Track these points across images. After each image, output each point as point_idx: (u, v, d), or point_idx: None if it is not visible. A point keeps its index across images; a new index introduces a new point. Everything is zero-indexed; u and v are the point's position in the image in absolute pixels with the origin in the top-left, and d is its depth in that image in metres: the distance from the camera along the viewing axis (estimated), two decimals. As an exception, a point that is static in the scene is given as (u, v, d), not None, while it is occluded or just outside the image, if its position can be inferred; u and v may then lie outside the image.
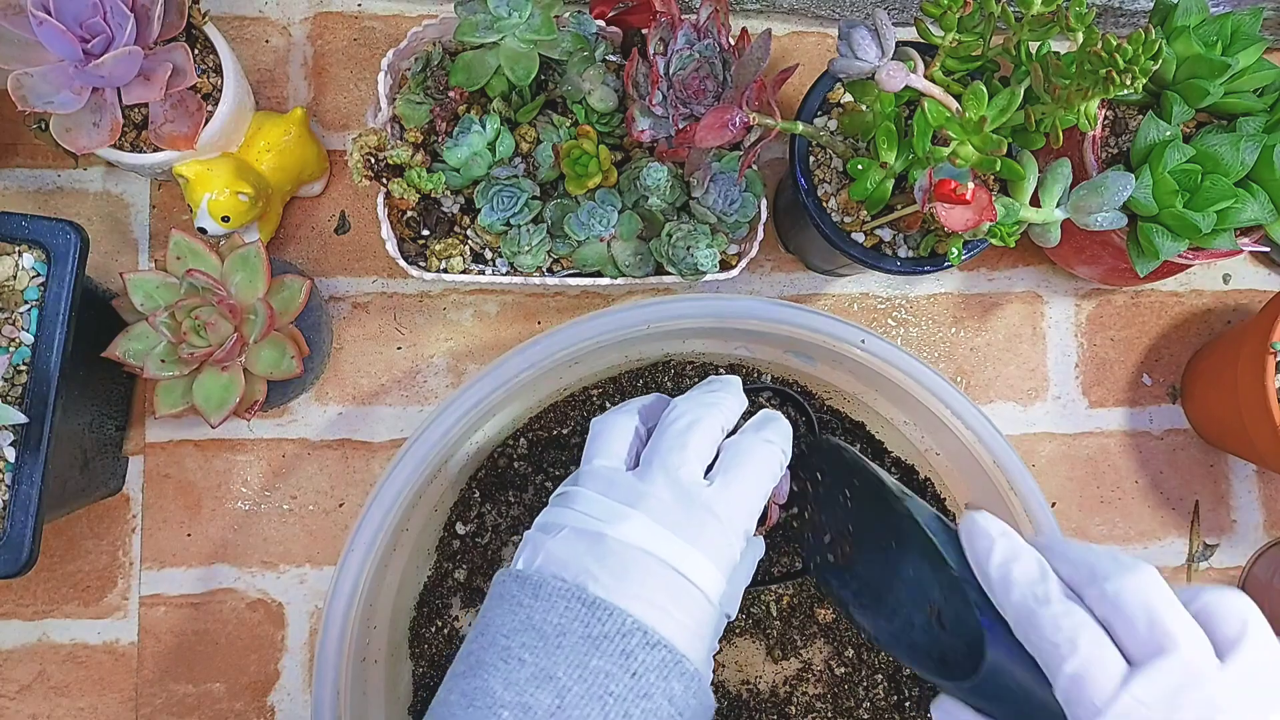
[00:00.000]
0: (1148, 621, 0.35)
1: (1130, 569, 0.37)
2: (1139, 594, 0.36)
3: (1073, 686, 0.35)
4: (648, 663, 0.41)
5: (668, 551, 0.43)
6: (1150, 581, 0.36)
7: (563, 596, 0.42)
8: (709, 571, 0.44)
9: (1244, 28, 0.62)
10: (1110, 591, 0.36)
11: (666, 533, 0.43)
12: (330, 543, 0.72)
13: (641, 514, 0.44)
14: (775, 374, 0.70)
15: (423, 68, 0.66)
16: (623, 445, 0.48)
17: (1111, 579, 0.36)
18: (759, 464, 0.47)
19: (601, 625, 0.41)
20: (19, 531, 0.56)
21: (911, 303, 0.77)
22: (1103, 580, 0.37)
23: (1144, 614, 0.35)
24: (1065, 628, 0.36)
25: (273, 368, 0.63)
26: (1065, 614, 0.36)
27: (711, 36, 0.61)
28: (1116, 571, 0.37)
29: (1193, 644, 0.35)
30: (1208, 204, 0.60)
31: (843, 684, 0.69)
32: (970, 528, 0.41)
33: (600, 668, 0.40)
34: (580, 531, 0.44)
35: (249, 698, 0.71)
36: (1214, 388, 0.74)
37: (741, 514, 0.46)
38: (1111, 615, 0.36)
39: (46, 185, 0.73)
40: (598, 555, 0.43)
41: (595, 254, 0.66)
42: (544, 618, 0.41)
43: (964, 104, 0.56)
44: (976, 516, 0.42)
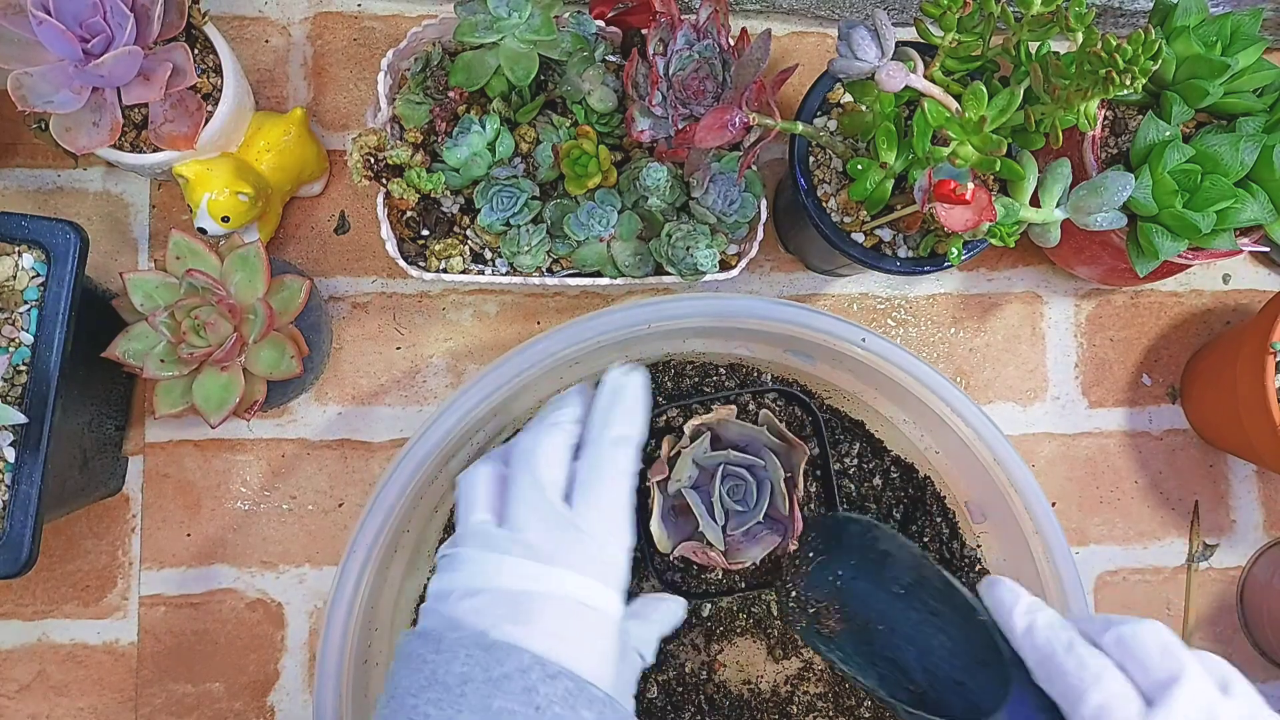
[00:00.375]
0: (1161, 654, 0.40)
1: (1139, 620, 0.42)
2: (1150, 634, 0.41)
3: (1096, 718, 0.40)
4: (550, 695, 0.41)
5: (550, 581, 0.44)
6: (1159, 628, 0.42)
7: (463, 645, 0.42)
8: (594, 588, 0.45)
9: (1244, 28, 0.62)
10: (1125, 634, 0.41)
11: (543, 566, 0.44)
12: (330, 543, 0.72)
13: (516, 558, 0.44)
14: (775, 373, 0.70)
15: (423, 68, 0.66)
16: (487, 496, 0.47)
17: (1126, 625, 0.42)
18: (611, 471, 0.47)
19: (501, 666, 0.41)
20: (19, 531, 0.56)
21: (911, 303, 0.77)
22: (1119, 625, 0.42)
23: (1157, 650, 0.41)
24: (1089, 664, 0.41)
25: (272, 368, 0.63)
26: (1088, 655, 0.41)
27: (711, 37, 0.61)
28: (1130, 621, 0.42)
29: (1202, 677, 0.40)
30: (1207, 204, 0.60)
31: (844, 683, 0.69)
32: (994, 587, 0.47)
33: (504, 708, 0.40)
34: (467, 590, 0.44)
35: (248, 698, 0.71)
36: (1213, 388, 0.74)
37: (608, 524, 0.46)
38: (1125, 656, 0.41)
39: (46, 185, 0.73)
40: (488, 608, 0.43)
41: (595, 254, 0.66)
42: (447, 669, 0.41)
43: (964, 104, 0.56)
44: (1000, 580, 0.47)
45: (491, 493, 0.47)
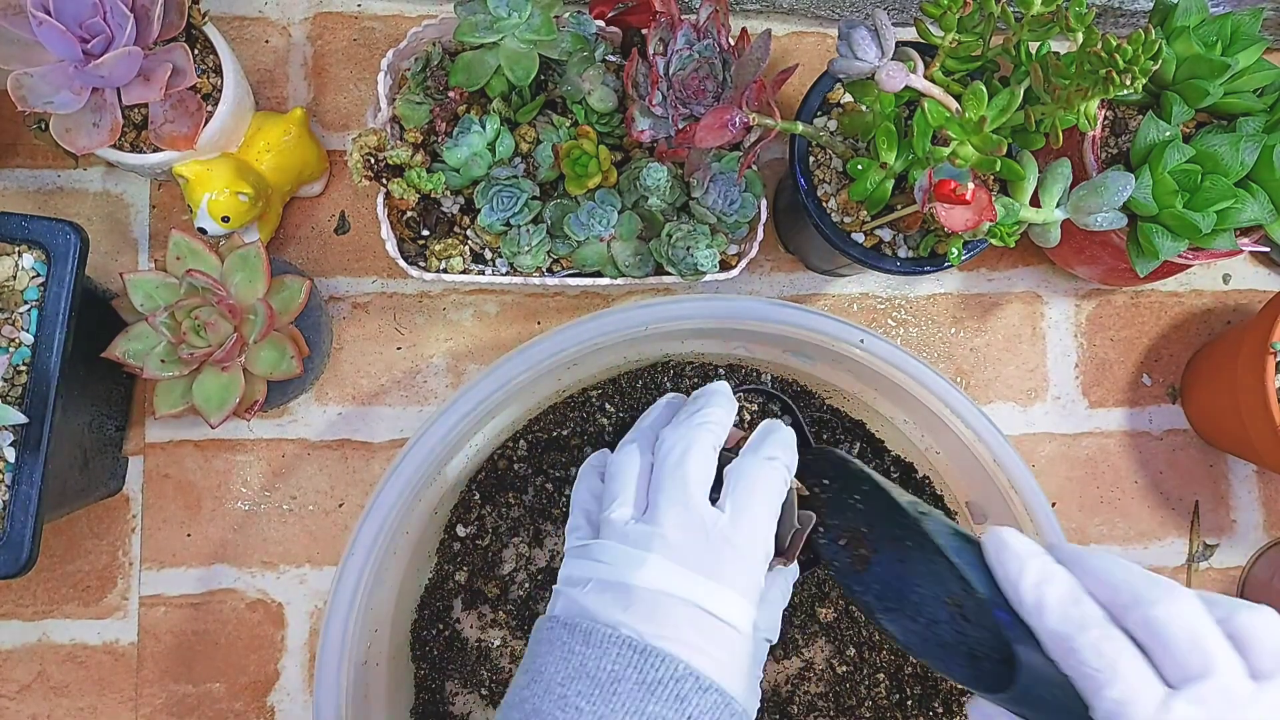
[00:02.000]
0: (1190, 646, 0.36)
1: (1173, 594, 0.37)
2: (1183, 619, 0.36)
3: (1114, 711, 0.36)
4: (701, 706, 0.42)
5: (691, 591, 0.44)
6: (1193, 606, 0.37)
7: (614, 643, 0.42)
8: (736, 603, 0.45)
9: (1244, 28, 0.62)
10: (1155, 617, 0.37)
11: (686, 572, 0.44)
12: (330, 543, 0.72)
13: (658, 556, 0.44)
14: (775, 374, 0.70)
15: (423, 68, 0.66)
16: (630, 488, 0.48)
17: (1158, 604, 0.37)
18: (764, 485, 0.48)
19: (655, 671, 0.42)
20: (19, 531, 0.56)
21: (911, 303, 0.77)
22: (1148, 605, 0.37)
23: (1188, 639, 0.36)
24: (1106, 653, 0.37)
25: (272, 368, 0.63)
26: (1105, 639, 0.37)
27: (711, 37, 0.61)
28: (1161, 597, 0.37)
29: (1231, 668, 0.36)
30: (1208, 204, 0.60)
31: (844, 683, 0.70)
32: (998, 548, 0.41)
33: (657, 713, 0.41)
34: (604, 582, 0.44)
35: (249, 698, 0.71)
36: (1214, 388, 0.74)
37: (756, 538, 0.46)
38: (1151, 640, 0.37)
39: (46, 185, 0.73)
40: (626, 604, 0.43)
41: (595, 254, 0.66)
42: (597, 664, 0.42)
43: (964, 104, 0.56)
44: (1004, 535, 0.42)
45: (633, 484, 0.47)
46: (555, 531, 0.70)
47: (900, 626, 0.48)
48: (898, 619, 0.48)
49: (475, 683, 0.69)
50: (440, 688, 0.69)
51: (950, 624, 0.45)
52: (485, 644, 0.69)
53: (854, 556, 0.52)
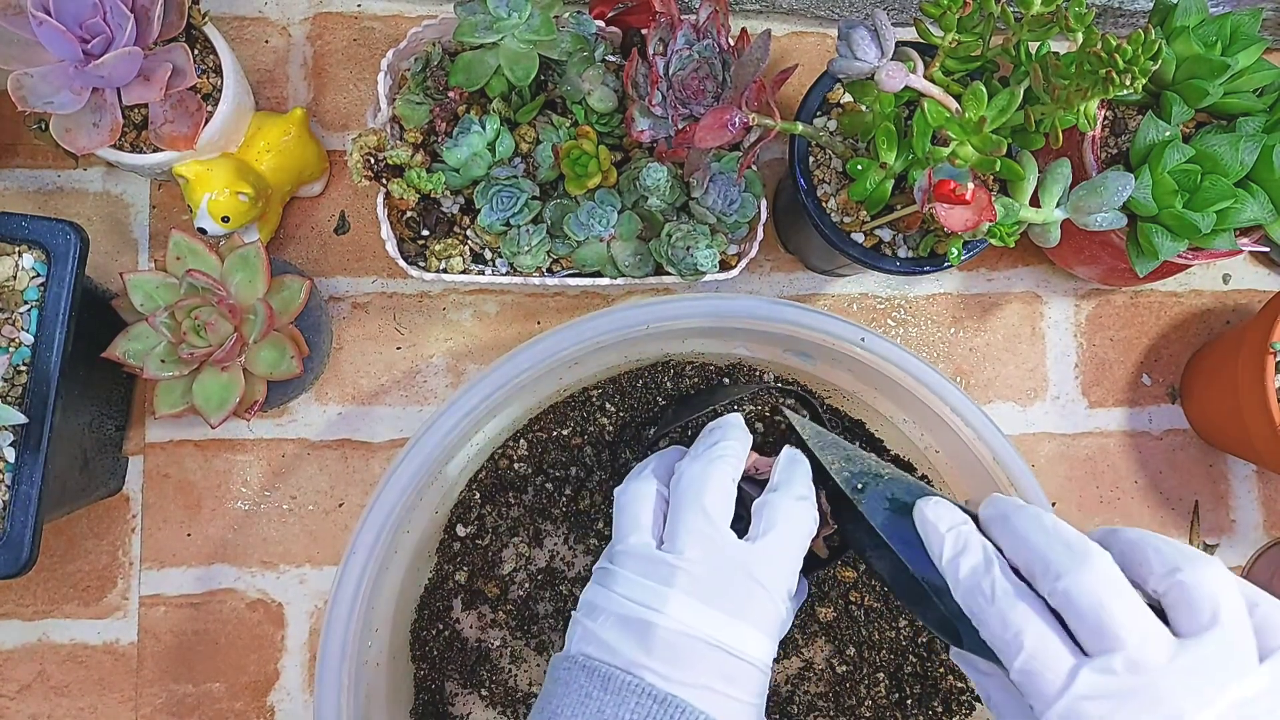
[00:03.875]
0: (1096, 621, 0.36)
1: (1082, 563, 0.37)
2: (1089, 592, 0.36)
3: (1023, 680, 0.37)
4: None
5: (717, 631, 0.43)
6: (1101, 577, 0.37)
7: (634, 692, 0.41)
8: (760, 642, 0.44)
9: (1243, 28, 0.62)
10: (1060, 589, 0.37)
11: (711, 611, 0.43)
12: (330, 543, 0.72)
13: (680, 593, 0.43)
14: (775, 373, 0.70)
15: (422, 68, 0.66)
16: (648, 515, 0.47)
17: (1063, 576, 0.37)
18: (794, 524, 0.47)
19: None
20: (19, 531, 0.56)
21: (911, 303, 0.77)
22: (1054, 578, 0.37)
23: (1093, 613, 0.36)
24: (1011, 623, 0.37)
25: (272, 368, 0.63)
26: (1009, 609, 0.38)
27: (711, 37, 0.61)
28: (1070, 566, 0.37)
29: (1141, 639, 0.35)
30: (1207, 204, 0.60)
31: (844, 682, 0.70)
32: (922, 522, 0.42)
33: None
34: (626, 619, 0.43)
35: (249, 698, 0.71)
36: (1213, 388, 0.74)
37: (783, 576, 0.46)
38: (1063, 609, 0.37)
39: (46, 185, 0.73)
40: (647, 645, 0.42)
41: (595, 254, 0.66)
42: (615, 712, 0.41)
43: (964, 104, 0.56)
44: (925, 508, 0.42)
45: (650, 512, 0.47)
46: (555, 531, 0.70)
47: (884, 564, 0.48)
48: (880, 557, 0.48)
49: (475, 683, 0.69)
50: (440, 688, 0.69)
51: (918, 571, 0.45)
52: (485, 644, 0.69)
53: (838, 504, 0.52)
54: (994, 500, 0.42)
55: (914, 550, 0.43)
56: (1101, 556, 0.37)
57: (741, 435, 0.50)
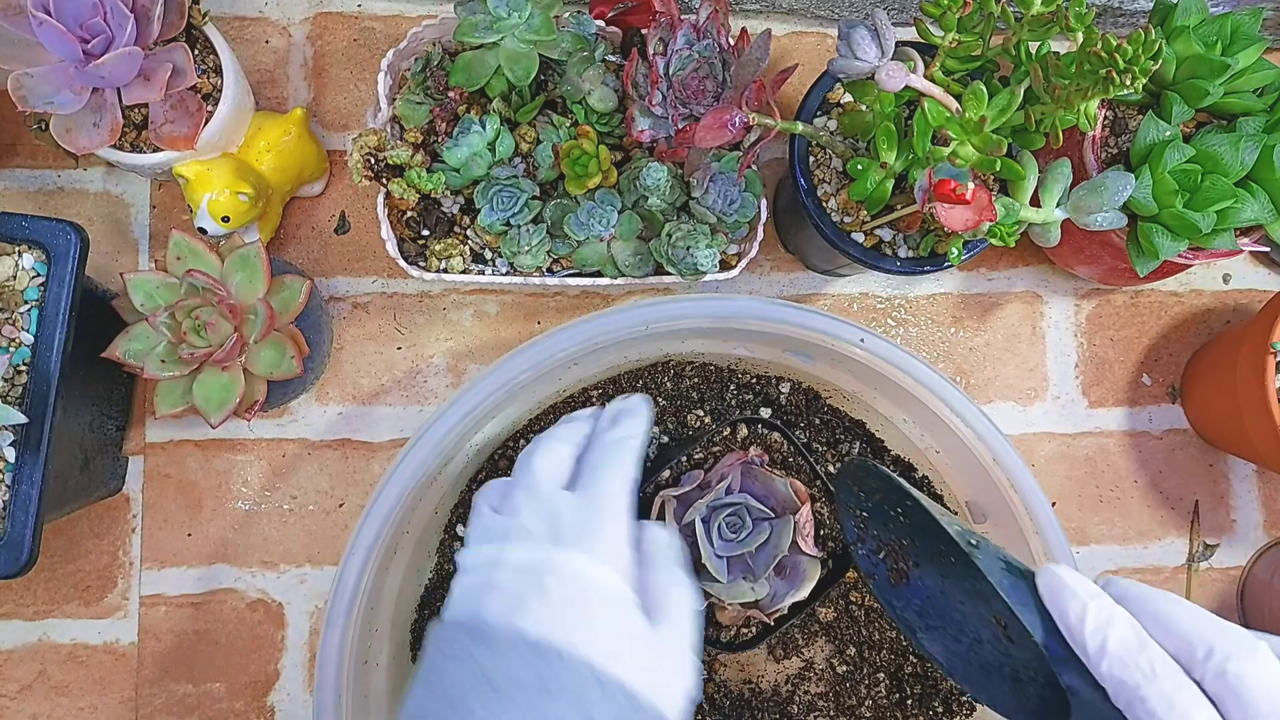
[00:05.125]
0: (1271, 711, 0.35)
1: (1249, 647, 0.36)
2: (1261, 679, 0.35)
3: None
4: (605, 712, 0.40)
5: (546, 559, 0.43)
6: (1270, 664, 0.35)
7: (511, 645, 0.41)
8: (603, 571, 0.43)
9: (1244, 28, 0.62)
10: (1231, 673, 0.35)
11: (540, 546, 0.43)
12: (330, 543, 0.72)
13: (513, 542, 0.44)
14: (775, 373, 0.70)
15: (423, 68, 0.66)
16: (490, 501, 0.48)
17: (1232, 660, 0.35)
18: (612, 460, 0.47)
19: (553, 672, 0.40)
20: (19, 531, 0.56)
21: (911, 303, 0.77)
22: (1223, 660, 0.36)
23: (1267, 703, 0.35)
24: (1179, 706, 0.35)
25: (273, 368, 0.63)
26: (1177, 691, 0.36)
27: (711, 37, 0.61)
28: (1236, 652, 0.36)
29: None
30: (1208, 204, 0.60)
31: (844, 682, 0.70)
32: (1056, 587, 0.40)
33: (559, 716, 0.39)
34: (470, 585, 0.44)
35: (249, 698, 0.71)
36: (1213, 388, 0.74)
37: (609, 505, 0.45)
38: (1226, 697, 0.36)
39: (46, 185, 0.73)
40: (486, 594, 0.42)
41: (595, 254, 0.66)
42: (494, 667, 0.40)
43: (964, 104, 0.56)
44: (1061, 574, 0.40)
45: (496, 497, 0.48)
46: (555, 531, 0.70)
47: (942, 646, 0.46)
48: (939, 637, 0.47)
49: (475, 682, 0.69)
50: (440, 687, 0.69)
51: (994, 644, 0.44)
52: (485, 644, 0.69)
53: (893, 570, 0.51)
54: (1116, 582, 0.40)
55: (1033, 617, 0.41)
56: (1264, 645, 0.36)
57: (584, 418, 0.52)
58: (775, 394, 0.71)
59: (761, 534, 0.61)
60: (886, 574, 0.51)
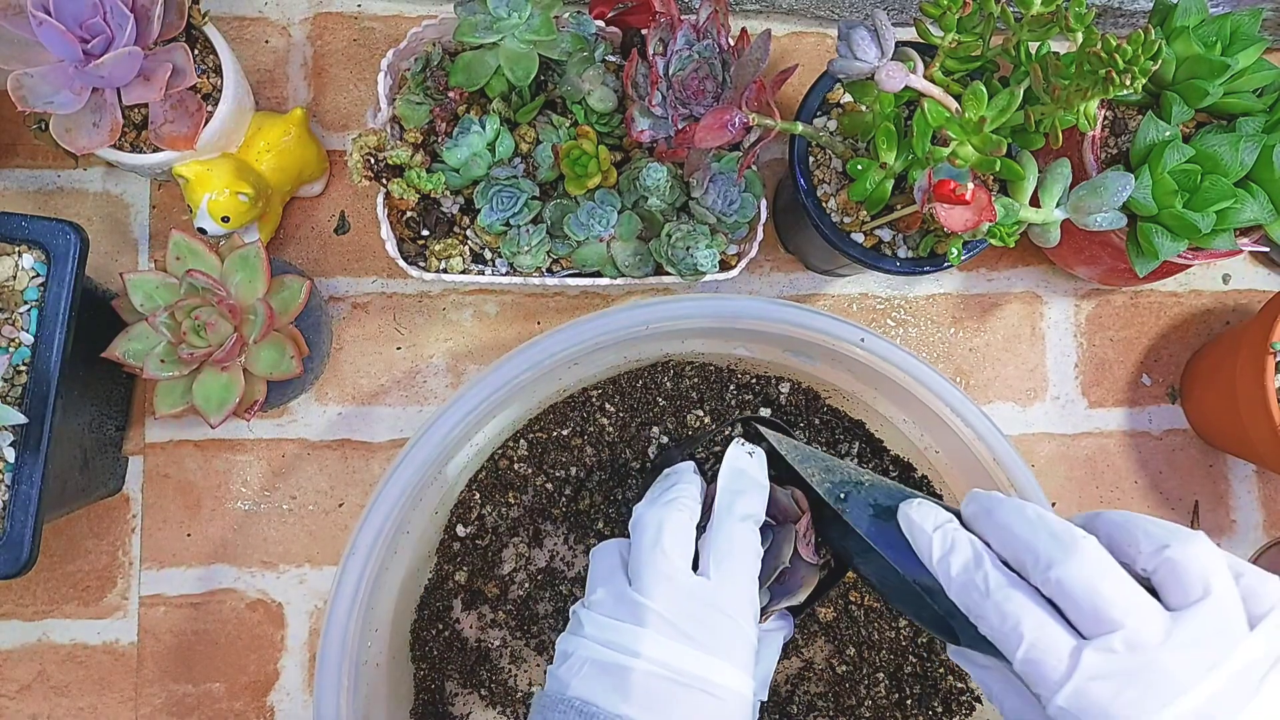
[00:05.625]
0: (1091, 605, 0.37)
1: (1071, 550, 0.38)
2: (1081, 578, 0.37)
3: (1027, 669, 0.37)
4: None
5: (690, 667, 0.43)
6: (1091, 562, 0.37)
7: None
8: (734, 674, 0.44)
9: (1243, 28, 0.62)
10: (1053, 578, 0.38)
11: (682, 646, 0.43)
12: (330, 543, 0.72)
13: (651, 631, 0.43)
14: (775, 373, 0.70)
15: (422, 68, 0.66)
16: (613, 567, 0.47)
17: (1054, 565, 0.38)
18: (742, 546, 0.47)
19: None
20: (19, 531, 0.56)
21: (911, 303, 0.77)
22: (1045, 567, 0.38)
23: (1087, 597, 0.37)
24: (1009, 615, 0.38)
25: (272, 368, 0.63)
26: (1005, 600, 0.38)
27: (711, 37, 0.61)
28: (1059, 555, 0.38)
29: (1138, 618, 0.36)
30: (1207, 204, 0.60)
31: (844, 682, 0.70)
32: (908, 524, 0.43)
33: None
34: (600, 664, 0.43)
35: (249, 698, 0.71)
36: (1213, 388, 0.74)
37: (744, 600, 0.46)
38: (1057, 596, 0.38)
39: (46, 185, 0.73)
40: (624, 690, 0.42)
41: (595, 254, 0.66)
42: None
43: (964, 104, 0.56)
44: (909, 510, 0.43)
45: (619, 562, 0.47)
46: (555, 531, 0.70)
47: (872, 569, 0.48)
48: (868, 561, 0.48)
49: (475, 683, 0.69)
50: (440, 688, 0.69)
51: None
52: (485, 644, 0.69)
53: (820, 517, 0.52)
54: (975, 496, 0.43)
55: (902, 553, 0.44)
56: (1089, 541, 0.38)
57: (694, 479, 0.51)
58: (775, 394, 0.71)
59: (764, 544, 0.61)
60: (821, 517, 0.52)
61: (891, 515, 0.45)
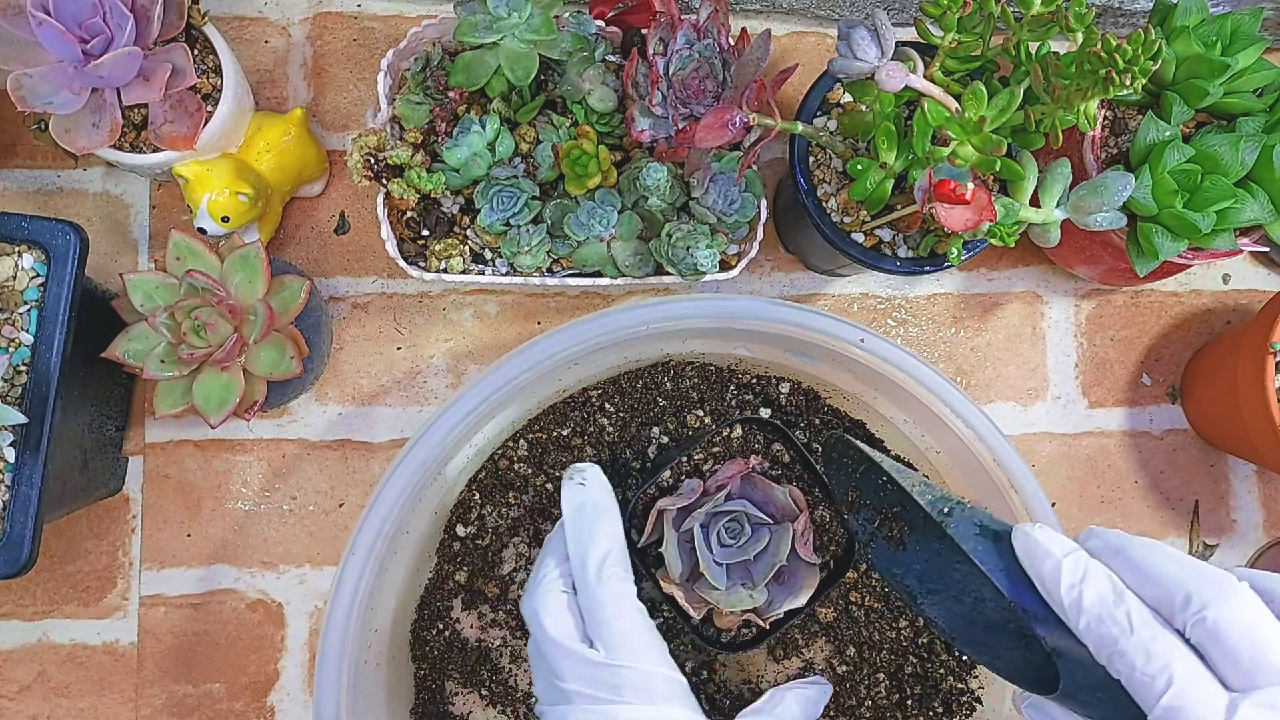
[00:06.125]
0: (1250, 653, 0.34)
1: (1228, 592, 0.35)
2: (1241, 624, 0.34)
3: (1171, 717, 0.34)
4: None
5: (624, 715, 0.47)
6: (1249, 607, 0.35)
7: None
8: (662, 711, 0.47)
9: (1243, 28, 0.62)
10: (1210, 620, 0.35)
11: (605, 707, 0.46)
12: (330, 543, 0.72)
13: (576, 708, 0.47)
14: (775, 373, 0.70)
15: (422, 68, 0.66)
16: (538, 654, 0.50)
17: (1211, 606, 0.35)
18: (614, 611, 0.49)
19: None
20: (19, 532, 0.56)
21: (911, 303, 0.77)
22: (1198, 609, 0.35)
23: (1248, 647, 0.34)
24: (1156, 655, 0.35)
25: (272, 368, 0.63)
26: (1153, 640, 0.35)
27: (711, 37, 0.61)
28: (1214, 597, 0.35)
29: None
30: (1207, 204, 0.60)
31: (844, 682, 0.69)
32: (1030, 547, 0.39)
33: None
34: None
35: (249, 698, 0.71)
36: (1214, 388, 0.74)
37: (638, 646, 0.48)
38: (1208, 643, 0.35)
39: (46, 185, 0.73)
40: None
41: (595, 254, 0.66)
42: None
43: (964, 104, 0.56)
44: (1034, 534, 0.40)
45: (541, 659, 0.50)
46: (555, 531, 0.70)
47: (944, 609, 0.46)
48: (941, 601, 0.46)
49: (475, 683, 0.69)
50: (440, 688, 0.69)
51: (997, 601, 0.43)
52: (485, 644, 0.69)
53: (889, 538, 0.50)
54: (1099, 532, 0.40)
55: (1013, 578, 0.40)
56: (1244, 586, 0.36)
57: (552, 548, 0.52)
58: (775, 394, 0.71)
59: (761, 541, 0.61)
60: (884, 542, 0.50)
61: (998, 538, 0.42)
